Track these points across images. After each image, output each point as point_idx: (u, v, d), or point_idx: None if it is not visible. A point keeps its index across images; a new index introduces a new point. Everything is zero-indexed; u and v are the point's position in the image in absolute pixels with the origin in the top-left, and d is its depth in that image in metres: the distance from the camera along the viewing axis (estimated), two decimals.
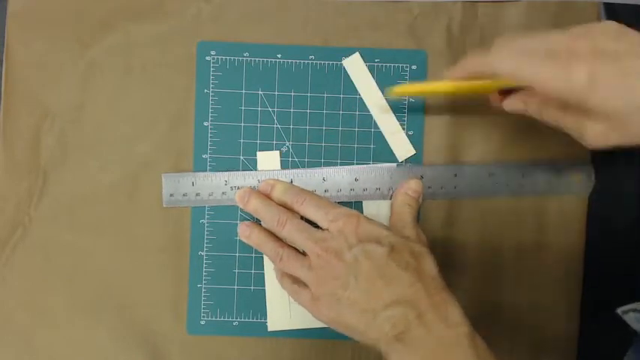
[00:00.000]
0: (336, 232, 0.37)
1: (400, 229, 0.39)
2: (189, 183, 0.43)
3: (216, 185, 0.43)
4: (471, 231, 0.43)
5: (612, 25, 0.32)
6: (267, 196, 0.41)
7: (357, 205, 0.43)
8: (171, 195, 0.43)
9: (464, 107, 0.43)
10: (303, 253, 0.38)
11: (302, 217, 0.40)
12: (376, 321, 0.34)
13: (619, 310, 0.37)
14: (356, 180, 0.42)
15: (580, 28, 0.32)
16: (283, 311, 0.43)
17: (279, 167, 0.43)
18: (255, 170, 0.43)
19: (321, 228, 0.38)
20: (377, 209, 0.43)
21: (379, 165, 0.43)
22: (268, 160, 0.43)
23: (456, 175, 0.43)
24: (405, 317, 0.34)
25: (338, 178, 0.43)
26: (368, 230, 0.36)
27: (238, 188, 0.42)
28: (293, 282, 0.39)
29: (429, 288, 0.35)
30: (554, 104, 0.34)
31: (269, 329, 0.43)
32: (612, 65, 0.30)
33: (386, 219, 0.42)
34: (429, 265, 0.36)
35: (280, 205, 0.40)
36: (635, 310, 0.36)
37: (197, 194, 0.43)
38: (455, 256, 0.43)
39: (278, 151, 0.43)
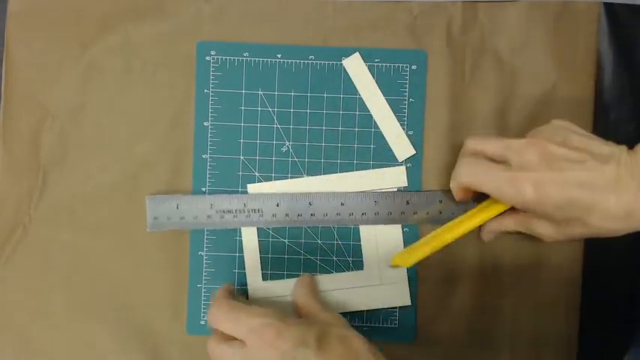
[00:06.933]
0: (257, 347, 0.34)
1: (315, 317, 0.38)
2: (173, 206, 0.42)
3: (201, 209, 0.42)
4: (471, 231, 0.43)
5: (559, 127, 0.36)
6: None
7: (355, 232, 0.43)
8: (155, 218, 0.42)
9: (464, 107, 0.43)
10: None
11: None
12: None
13: None
14: (342, 204, 0.42)
15: (534, 132, 0.37)
16: None
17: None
18: (245, 194, 0.43)
19: None
20: (374, 234, 0.43)
21: (364, 191, 0.43)
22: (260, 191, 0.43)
23: (441, 202, 0.43)
24: None
25: (324, 202, 0.42)
26: (288, 336, 0.34)
27: (224, 212, 0.42)
28: None
29: None
30: (510, 218, 0.39)
31: None
32: (556, 176, 0.34)
33: (382, 245, 0.43)
34: (360, 346, 0.35)
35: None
36: None
37: (182, 217, 0.42)
38: (455, 257, 0.43)
39: (269, 182, 0.43)
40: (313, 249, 0.43)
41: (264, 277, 0.43)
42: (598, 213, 0.34)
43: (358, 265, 0.43)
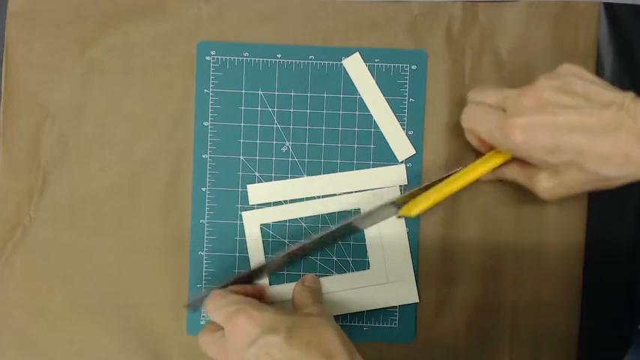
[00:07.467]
0: (230, 333, 0.35)
1: (302, 310, 0.39)
2: None
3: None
4: (471, 231, 0.43)
5: (565, 73, 0.35)
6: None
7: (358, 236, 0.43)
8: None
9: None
10: None
11: None
12: None
13: None
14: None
15: (539, 78, 0.36)
16: None
17: (272, 198, 0.43)
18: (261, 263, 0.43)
19: None
20: (379, 234, 0.43)
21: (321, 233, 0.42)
22: (259, 193, 0.43)
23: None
24: None
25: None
26: (259, 321, 0.34)
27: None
28: None
29: None
30: (514, 164, 0.39)
31: None
32: (546, 119, 0.33)
33: (388, 239, 0.43)
34: (331, 338, 0.34)
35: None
36: None
37: None
38: (455, 256, 0.43)
39: (270, 183, 0.43)
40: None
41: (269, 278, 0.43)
42: (593, 157, 0.33)
43: (358, 265, 0.43)
